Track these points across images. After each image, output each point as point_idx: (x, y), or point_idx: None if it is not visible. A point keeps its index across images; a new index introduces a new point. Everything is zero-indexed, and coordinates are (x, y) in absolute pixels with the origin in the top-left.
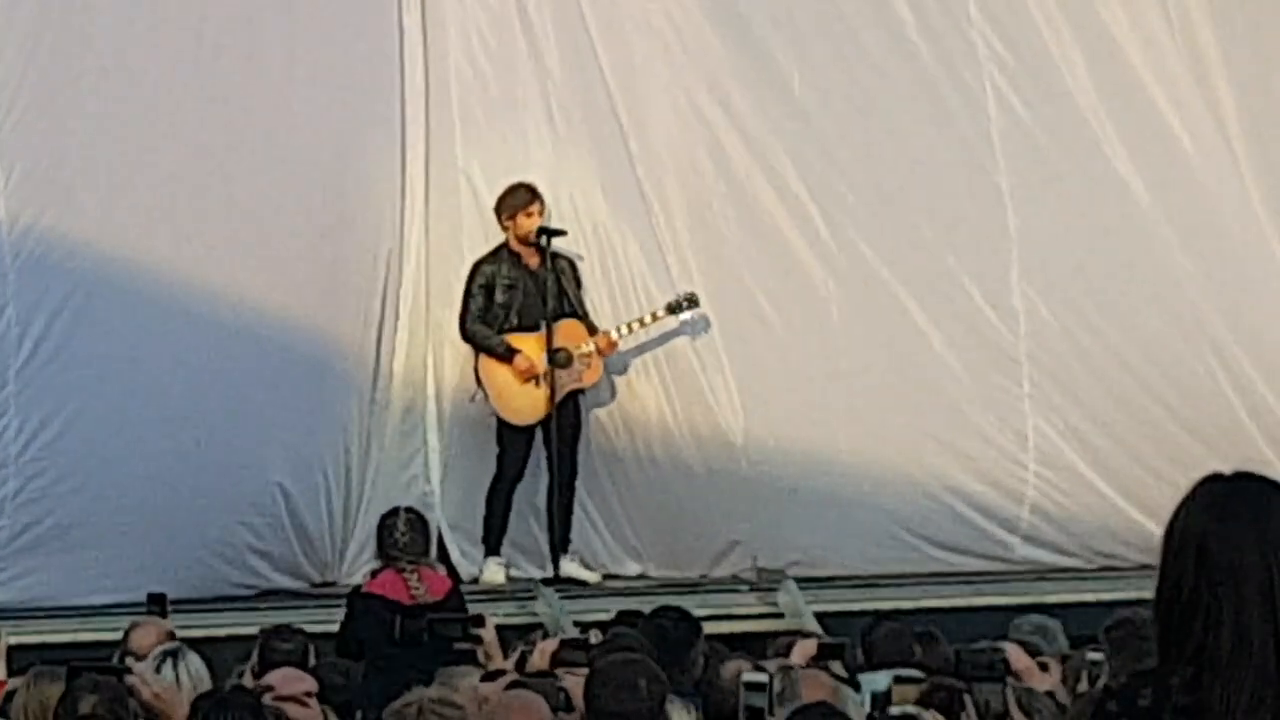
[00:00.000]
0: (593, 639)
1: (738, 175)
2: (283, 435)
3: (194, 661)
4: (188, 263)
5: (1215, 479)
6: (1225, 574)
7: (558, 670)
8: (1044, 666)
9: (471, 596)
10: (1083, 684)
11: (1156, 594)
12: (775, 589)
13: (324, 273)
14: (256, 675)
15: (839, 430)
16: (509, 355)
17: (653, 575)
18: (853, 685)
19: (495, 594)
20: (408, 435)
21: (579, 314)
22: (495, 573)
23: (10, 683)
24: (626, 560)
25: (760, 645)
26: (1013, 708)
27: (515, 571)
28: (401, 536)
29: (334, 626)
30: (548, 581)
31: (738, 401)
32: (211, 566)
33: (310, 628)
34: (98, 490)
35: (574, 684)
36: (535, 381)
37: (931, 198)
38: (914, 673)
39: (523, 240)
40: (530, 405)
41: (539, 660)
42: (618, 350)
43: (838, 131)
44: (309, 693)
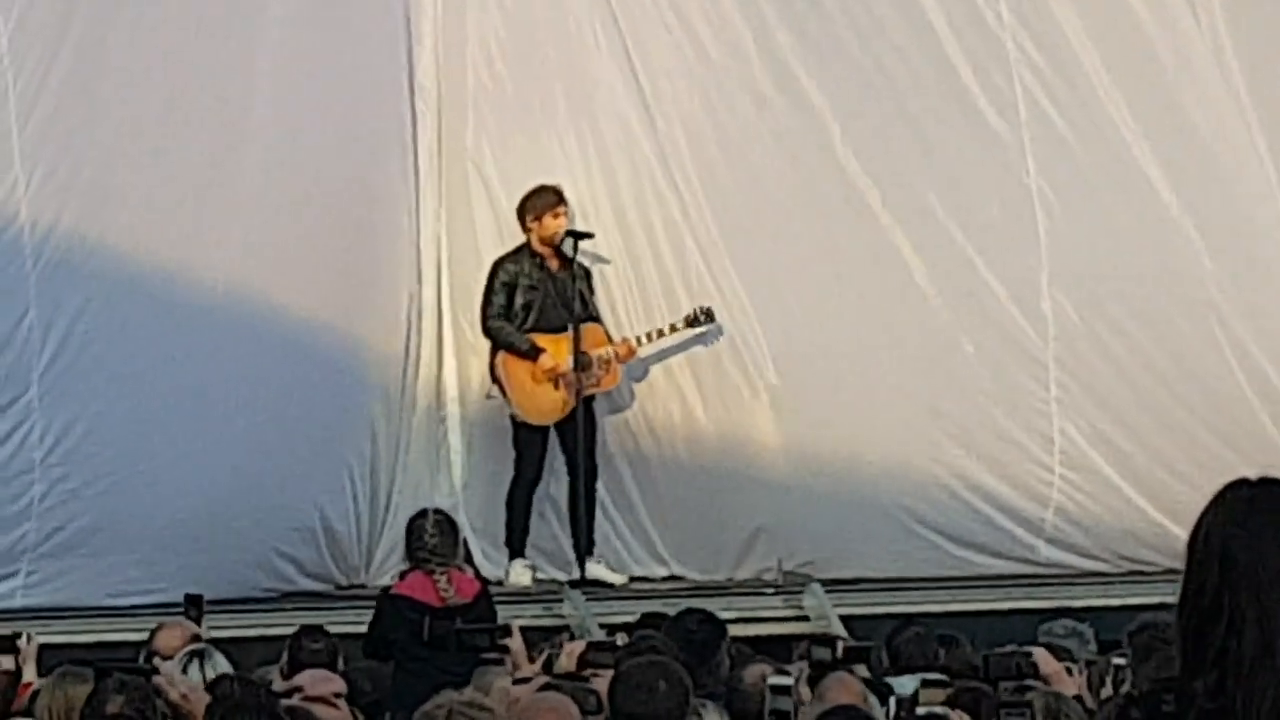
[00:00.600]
0: (618, 641)
1: (765, 177)
2: (309, 439)
3: (220, 662)
4: (209, 265)
5: (1241, 485)
6: (1249, 580)
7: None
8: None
9: (497, 599)
10: (1107, 689)
11: (1180, 599)
12: (800, 592)
13: (347, 276)
14: (286, 676)
15: (866, 432)
16: (534, 353)
17: (678, 578)
18: (877, 689)
19: (521, 596)
20: (433, 438)
21: (596, 318)
22: (521, 574)
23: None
24: (652, 563)
25: (785, 648)
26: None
27: (540, 574)
28: (431, 538)
29: (361, 628)
30: (574, 584)
31: (765, 404)
32: (238, 570)
33: (337, 629)
34: (123, 493)
35: (602, 686)
36: (555, 382)
37: (961, 201)
38: (941, 677)
39: (547, 242)
40: (550, 406)
41: (566, 662)
42: (636, 358)
43: (868, 134)
44: (338, 694)
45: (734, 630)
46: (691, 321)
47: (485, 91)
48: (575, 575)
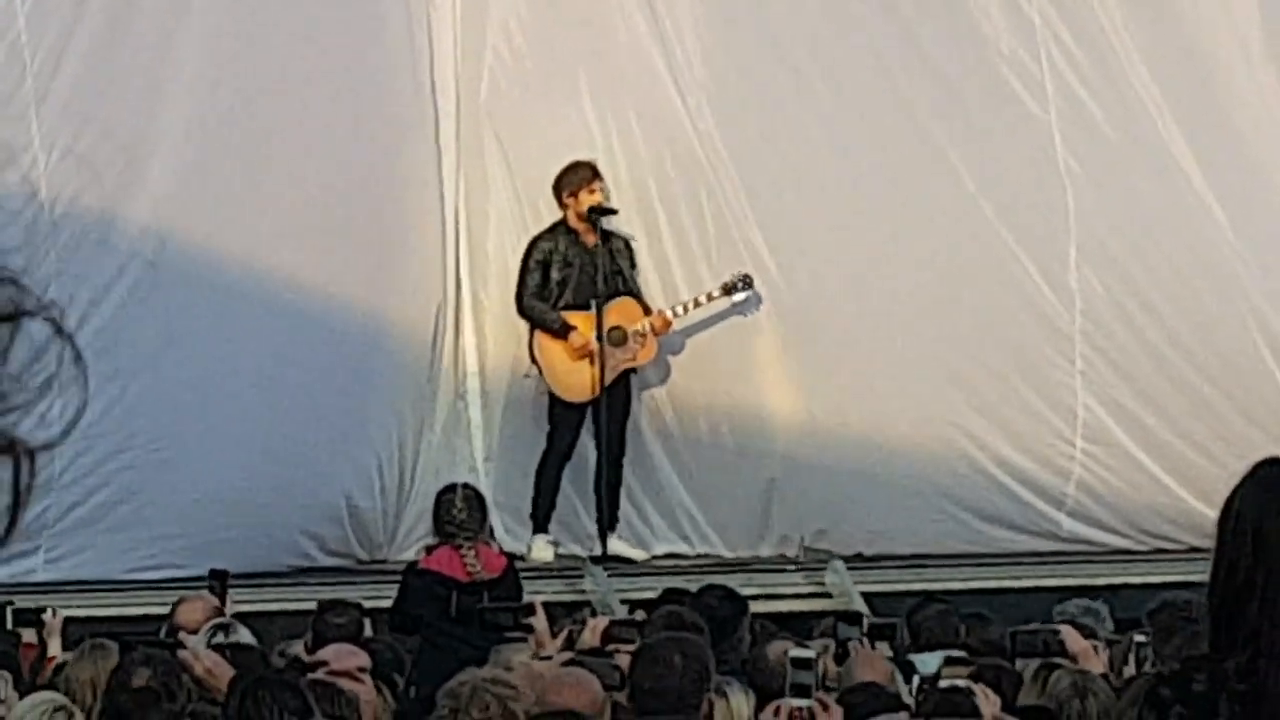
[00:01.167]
0: (637, 618)
1: (795, 149)
2: (334, 415)
3: (245, 636)
4: (231, 242)
5: (1272, 462)
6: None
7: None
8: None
9: (520, 573)
10: (1129, 667)
11: (1211, 578)
12: (823, 569)
13: (373, 254)
14: (310, 650)
15: (892, 406)
16: (564, 332)
17: (701, 555)
18: (900, 666)
19: (543, 572)
20: (454, 413)
21: (634, 293)
22: (544, 550)
23: (60, 656)
24: (676, 539)
25: (807, 625)
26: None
27: (561, 550)
28: (459, 513)
29: (385, 602)
30: (595, 559)
31: (791, 380)
32: (261, 547)
33: (362, 603)
34: (143, 469)
35: (625, 663)
36: (589, 359)
37: (991, 175)
38: (963, 654)
39: (583, 218)
40: (583, 383)
41: (590, 638)
42: (672, 329)
43: (899, 109)
44: (362, 668)
45: (756, 607)
46: (729, 289)
47: (505, 66)
48: (595, 551)
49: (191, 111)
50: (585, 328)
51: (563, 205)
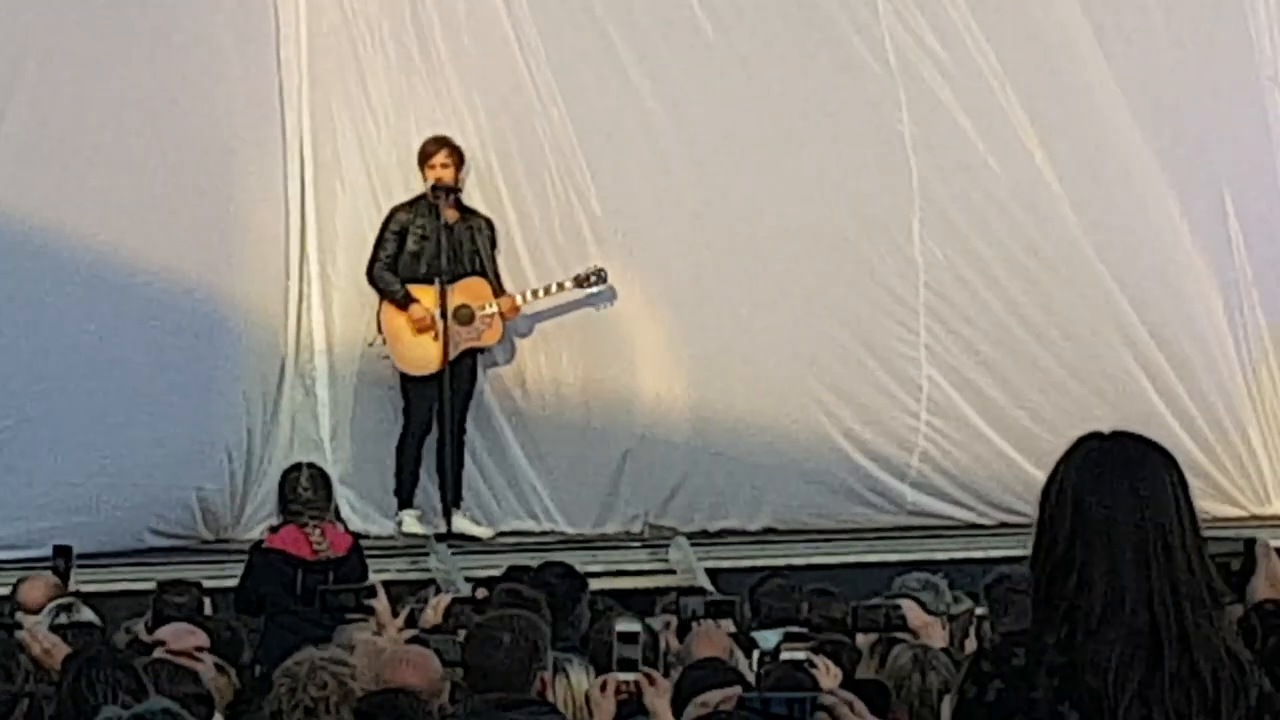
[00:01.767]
0: (479, 595)
1: (642, 132)
2: (179, 397)
3: (87, 616)
4: (67, 221)
5: (1093, 438)
6: (1100, 534)
7: (448, 624)
8: (942, 623)
9: (364, 551)
10: (971, 641)
11: (1033, 553)
12: (666, 545)
13: (217, 234)
14: (150, 629)
15: (739, 382)
16: (405, 303)
17: (546, 531)
18: (741, 642)
19: (388, 549)
20: (304, 392)
21: (487, 274)
22: (413, 524)
23: None
24: (525, 517)
25: (650, 601)
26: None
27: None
28: (305, 492)
29: (231, 582)
30: (440, 537)
31: (641, 359)
32: (104, 528)
33: (207, 583)
34: None
35: None
36: (433, 334)
37: (834, 145)
38: (803, 630)
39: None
40: (424, 357)
41: (432, 616)
42: (520, 315)
43: (743, 77)
44: (200, 647)
45: (600, 584)
46: (582, 281)
47: (357, 41)
48: (441, 529)
49: (23, 88)
50: (429, 302)
51: (424, 179)
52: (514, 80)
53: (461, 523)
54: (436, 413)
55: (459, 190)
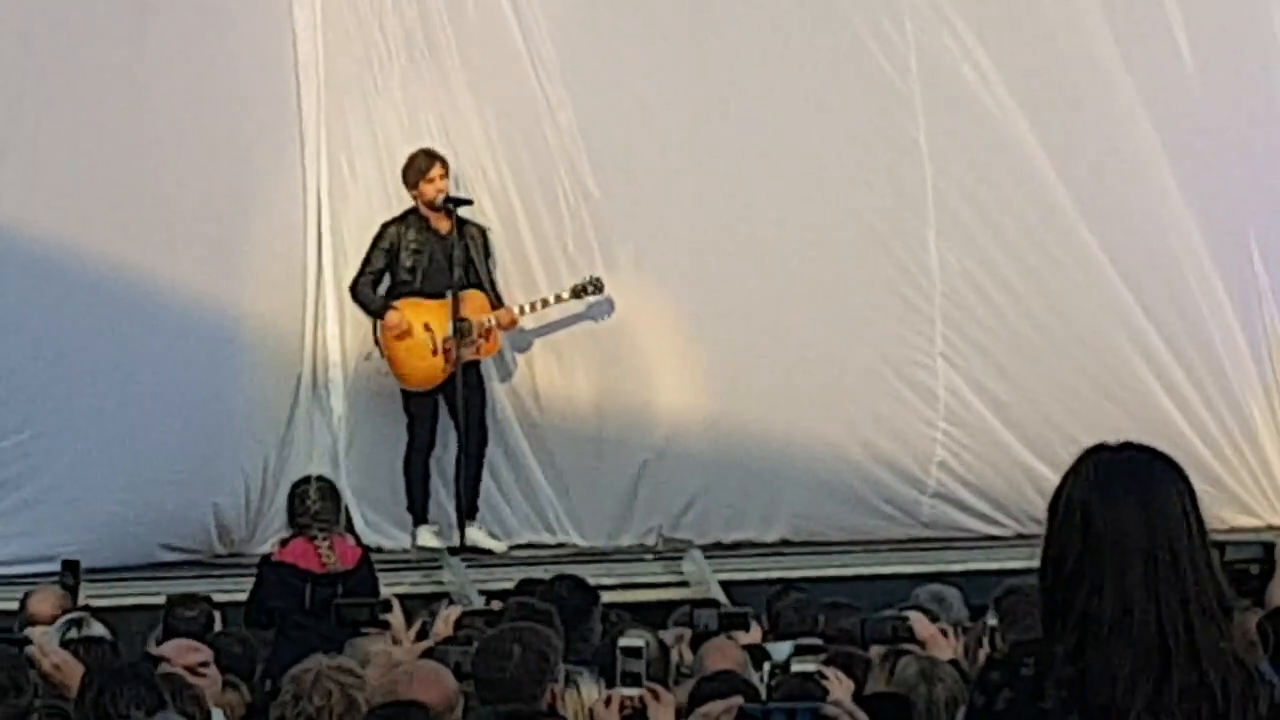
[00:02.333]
0: (495, 608)
1: (654, 142)
2: (194, 411)
3: (98, 630)
4: (87, 239)
5: (1100, 449)
6: (1108, 544)
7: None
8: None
9: (376, 565)
10: (985, 651)
11: (1041, 564)
12: (681, 557)
13: (227, 244)
14: (159, 644)
15: (755, 393)
16: (382, 312)
17: (561, 544)
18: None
19: (401, 563)
20: (316, 404)
21: (483, 285)
22: (427, 538)
23: None
24: (541, 529)
25: (665, 614)
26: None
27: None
28: (313, 504)
29: (243, 596)
30: (454, 550)
31: (656, 370)
32: (119, 542)
33: (220, 597)
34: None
35: None
36: (434, 349)
37: (849, 155)
38: (815, 642)
39: (429, 206)
40: (424, 371)
41: (442, 629)
42: (518, 328)
43: (758, 85)
44: (203, 663)
45: (614, 597)
46: (579, 291)
47: (372, 54)
48: (455, 541)
49: (37, 99)
50: (434, 317)
51: (412, 196)
52: (525, 92)
53: (475, 536)
54: (454, 427)
55: (470, 201)
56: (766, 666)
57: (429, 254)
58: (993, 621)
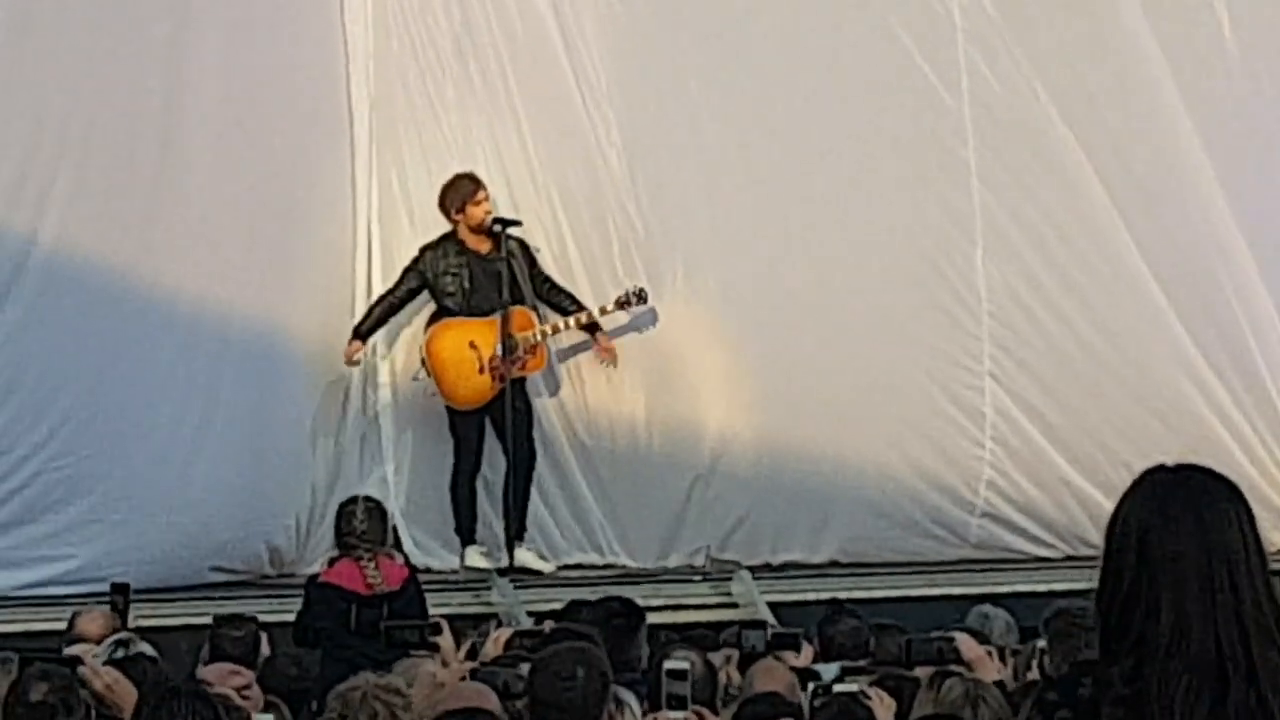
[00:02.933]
0: (546, 629)
1: (701, 159)
2: (244, 431)
3: (146, 651)
4: (136, 258)
5: (1158, 470)
6: (1165, 566)
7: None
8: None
9: (425, 586)
10: (1034, 674)
11: (1099, 585)
12: (729, 579)
13: (277, 265)
14: (207, 664)
15: (802, 412)
16: (353, 336)
17: (609, 565)
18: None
19: (449, 584)
20: (365, 425)
21: (527, 300)
22: (477, 560)
23: None
24: (590, 550)
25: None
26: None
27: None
28: (359, 524)
29: (291, 616)
30: (502, 571)
31: (703, 389)
32: (168, 563)
33: (268, 617)
34: (42, 487)
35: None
36: (480, 368)
37: (897, 174)
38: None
39: (476, 229)
40: (472, 391)
41: (492, 649)
42: (562, 339)
43: (806, 108)
44: (245, 686)
45: (663, 618)
46: (623, 303)
47: (426, 73)
48: (504, 562)
49: (105, 133)
50: (482, 336)
51: (452, 221)
52: (573, 113)
53: (524, 556)
54: (502, 445)
55: (520, 222)
56: (811, 687)
57: (470, 275)
58: (1042, 643)
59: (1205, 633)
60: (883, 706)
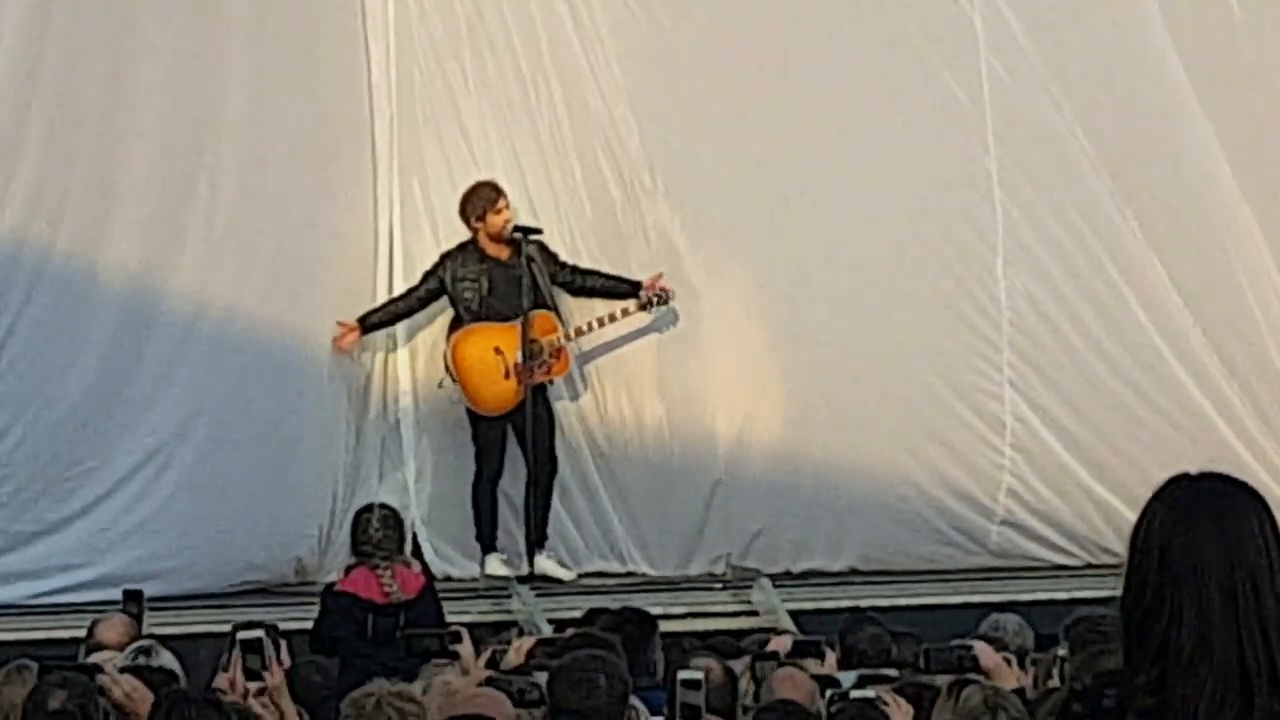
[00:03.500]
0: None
1: (723, 165)
2: (266, 441)
3: (167, 658)
4: (148, 266)
5: (1181, 479)
6: (1188, 575)
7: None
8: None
9: (446, 594)
10: (1054, 682)
11: (1123, 595)
12: (749, 586)
13: (298, 273)
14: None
15: (822, 420)
16: (362, 321)
17: (630, 572)
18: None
19: (470, 591)
20: (385, 433)
21: (549, 304)
22: (498, 567)
23: None
24: (611, 557)
25: (734, 643)
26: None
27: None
28: (375, 533)
29: (310, 624)
30: (523, 579)
31: (722, 396)
32: (192, 572)
33: (287, 625)
34: (61, 496)
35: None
36: (506, 373)
37: (920, 179)
38: (887, 672)
39: (496, 238)
40: (498, 396)
41: (514, 658)
42: (585, 342)
43: (828, 111)
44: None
45: (682, 626)
46: (644, 306)
47: (452, 82)
48: (524, 570)
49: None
50: (505, 341)
51: (472, 229)
52: (594, 119)
53: (545, 564)
54: (523, 452)
55: (541, 230)
56: (828, 694)
57: (489, 282)
58: (1062, 651)
59: (1229, 642)
60: (900, 712)
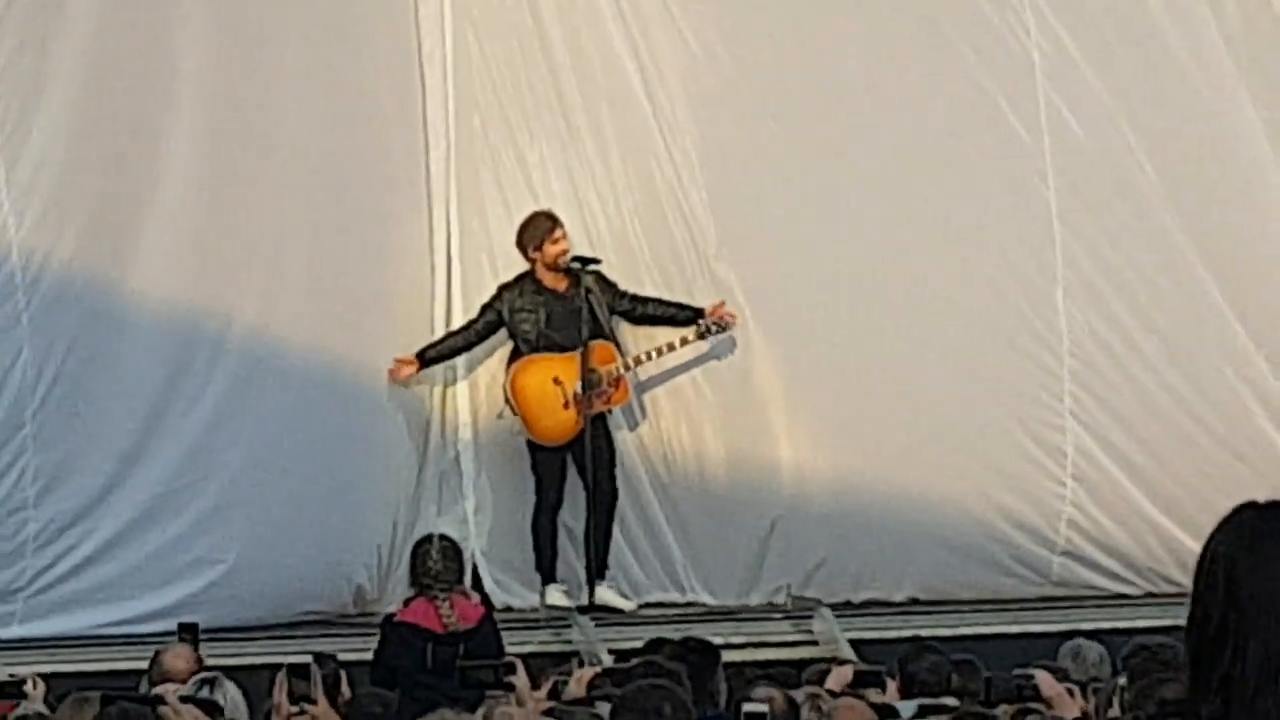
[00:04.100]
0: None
1: (776, 189)
2: (327, 473)
3: (231, 690)
4: (209, 296)
5: (1248, 507)
6: (1254, 604)
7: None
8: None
9: (506, 625)
10: (1113, 711)
11: (1188, 623)
12: (810, 616)
13: (358, 305)
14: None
15: (880, 449)
16: (421, 355)
17: (690, 602)
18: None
19: (530, 622)
20: (445, 463)
21: (606, 334)
22: (558, 598)
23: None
24: (671, 588)
25: (795, 673)
26: None
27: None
28: (434, 564)
29: (370, 654)
30: (583, 609)
31: (782, 426)
32: (251, 602)
33: (348, 655)
34: (116, 528)
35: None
36: (565, 403)
37: (979, 212)
38: (947, 701)
39: (553, 267)
40: (558, 426)
41: (575, 689)
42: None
43: (887, 143)
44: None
45: (744, 656)
46: (703, 334)
47: (509, 111)
48: (584, 600)
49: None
50: (564, 372)
51: (529, 259)
52: (651, 151)
53: (605, 594)
54: (583, 482)
55: (599, 260)
56: None
57: (547, 314)
58: (1122, 680)
59: None
60: None
